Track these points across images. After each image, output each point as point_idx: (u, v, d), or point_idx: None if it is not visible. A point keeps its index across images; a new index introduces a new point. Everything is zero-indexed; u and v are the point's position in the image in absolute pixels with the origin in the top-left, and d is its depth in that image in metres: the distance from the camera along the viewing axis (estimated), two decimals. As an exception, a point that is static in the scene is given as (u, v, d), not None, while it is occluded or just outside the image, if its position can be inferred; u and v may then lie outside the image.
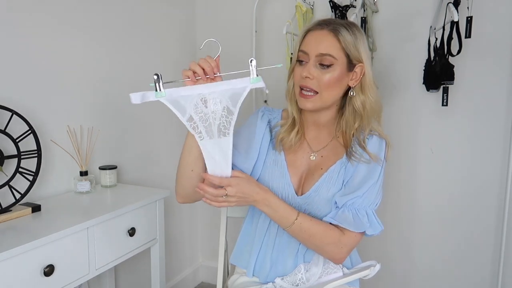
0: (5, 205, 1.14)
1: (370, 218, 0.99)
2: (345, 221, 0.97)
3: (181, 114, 0.91)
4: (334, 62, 0.98)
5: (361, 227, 0.97)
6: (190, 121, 0.92)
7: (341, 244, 0.98)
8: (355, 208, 0.99)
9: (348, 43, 0.98)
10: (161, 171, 1.88)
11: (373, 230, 0.98)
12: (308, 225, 0.97)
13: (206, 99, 0.91)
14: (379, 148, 1.04)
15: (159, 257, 1.44)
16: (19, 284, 0.96)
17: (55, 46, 1.37)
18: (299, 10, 1.71)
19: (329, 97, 1.01)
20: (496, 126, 1.57)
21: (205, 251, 2.29)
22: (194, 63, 0.92)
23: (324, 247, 0.99)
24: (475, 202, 1.64)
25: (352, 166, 1.02)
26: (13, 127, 1.17)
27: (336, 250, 0.98)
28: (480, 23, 1.50)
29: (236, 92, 0.91)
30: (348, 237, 0.98)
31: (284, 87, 1.10)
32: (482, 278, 1.67)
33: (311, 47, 0.99)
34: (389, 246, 1.81)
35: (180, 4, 1.99)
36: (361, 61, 1.00)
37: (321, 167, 1.05)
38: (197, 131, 0.92)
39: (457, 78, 1.49)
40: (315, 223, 0.98)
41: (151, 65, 1.79)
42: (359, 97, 1.03)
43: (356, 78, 1.02)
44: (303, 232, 0.97)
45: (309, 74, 0.99)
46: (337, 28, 0.98)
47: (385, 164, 1.05)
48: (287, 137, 1.07)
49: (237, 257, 1.18)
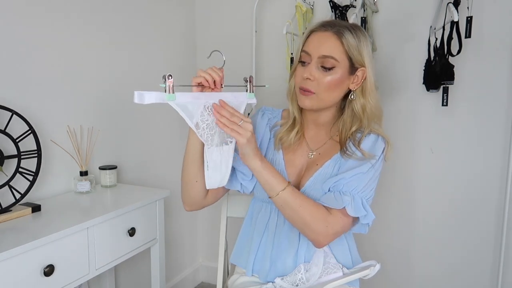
0: (5, 205, 1.14)
1: (356, 201, 0.96)
2: (327, 199, 0.97)
3: (189, 119, 0.91)
4: (336, 64, 0.98)
5: (341, 203, 0.95)
6: (197, 128, 0.92)
7: (327, 223, 0.96)
8: (340, 190, 0.98)
9: (351, 46, 0.98)
10: (161, 171, 1.88)
11: (356, 212, 0.95)
12: (295, 196, 0.96)
13: (211, 108, 0.93)
14: (374, 145, 1.03)
15: (159, 257, 1.44)
16: (19, 284, 0.96)
17: (55, 46, 1.37)
18: (299, 10, 1.71)
19: (328, 98, 1.02)
20: (496, 126, 1.57)
21: (205, 251, 2.30)
22: (203, 71, 0.93)
23: (311, 223, 0.96)
24: (475, 202, 1.64)
25: (346, 161, 1.02)
26: (13, 127, 1.17)
27: (322, 228, 0.96)
28: (480, 23, 1.50)
29: (236, 104, 0.96)
30: (334, 216, 0.96)
31: (280, 88, 1.11)
32: (482, 278, 1.67)
33: (314, 48, 0.99)
34: (389, 246, 1.81)
35: (180, 4, 1.99)
36: (364, 65, 1.00)
37: (317, 163, 1.06)
38: (204, 138, 0.93)
39: (457, 78, 1.49)
40: (304, 198, 0.97)
41: (151, 65, 1.79)
42: (359, 100, 1.03)
43: (357, 82, 1.02)
44: (290, 203, 0.96)
45: (310, 76, 0.99)
46: (341, 30, 0.98)
47: (382, 163, 1.04)
48: (287, 137, 1.08)
49: (237, 256, 1.18)
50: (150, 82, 1.70)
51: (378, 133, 1.05)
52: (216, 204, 1.17)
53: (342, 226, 0.98)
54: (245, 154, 0.95)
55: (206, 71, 0.93)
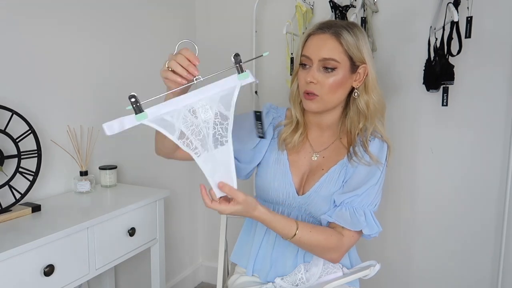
0: (5, 205, 1.14)
1: (368, 218, 0.99)
2: (342, 219, 0.98)
3: (169, 132, 0.79)
4: (337, 65, 0.98)
5: (358, 225, 0.97)
6: (182, 138, 0.80)
7: (341, 247, 0.99)
8: (353, 207, 0.99)
9: (350, 45, 0.98)
10: (161, 171, 1.88)
11: (370, 230, 0.98)
12: (308, 237, 0.96)
13: (194, 109, 0.80)
14: (381, 151, 1.04)
15: (159, 257, 1.44)
16: (19, 284, 0.95)
17: (55, 46, 1.37)
18: (299, 10, 1.71)
19: (333, 99, 1.02)
20: (496, 126, 1.57)
21: (205, 251, 2.29)
22: (172, 61, 0.80)
23: (324, 254, 1.00)
24: (475, 202, 1.64)
25: (352, 167, 1.03)
26: (13, 127, 1.17)
27: (335, 254, 0.99)
28: (480, 23, 1.50)
29: (226, 93, 0.82)
30: (346, 237, 0.98)
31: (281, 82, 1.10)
32: (482, 278, 1.67)
33: (314, 52, 0.99)
34: (389, 246, 1.81)
35: (180, 4, 1.99)
36: (364, 62, 1.00)
37: (322, 168, 1.06)
38: (191, 147, 0.81)
39: (457, 78, 1.49)
40: (315, 234, 0.96)
41: (151, 65, 1.79)
42: (363, 97, 1.03)
43: (359, 79, 1.02)
44: (303, 243, 0.97)
45: (313, 79, 0.99)
46: (339, 31, 0.98)
47: (386, 168, 1.05)
48: (290, 138, 1.08)
49: (237, 255, 1.19)
50: (150, 82, 1.70)
51: (380, 135, 1.05)
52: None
53: (353, 241, 1.01)
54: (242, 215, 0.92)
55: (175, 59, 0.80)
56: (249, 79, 0.82)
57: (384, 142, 1.05)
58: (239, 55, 0.81)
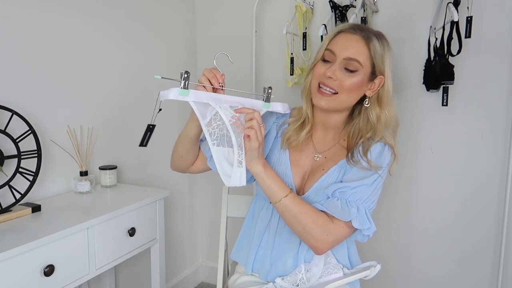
0: (5, 205, 1.14)
1: (361, 212, 0.96)
2: (333, 207, 0.96)
3: (202, 117, 0.91)
4: (359, 68, 0.98)
5: (348, 216, 0.94)
6: (209, 127, 0.93)
7: (327, 231, 0.96)
8: (346, 199, 0.97)
9: (377, 53, 0.98)
10: (161, 171, 1.88)
11: (361, 225, 0.95)
12: (296, 203, 0.96)
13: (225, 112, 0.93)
14: (381, 155, 1.02)
15: (159, 257, 1.44)
16: (19, 284, 0.95)
17: (55, 46, 1.36)
18: (299, 10, 1.71)
19: (346, 100, 1.01)
20: (496, 126, 1.57)
21: (205, 251, 2.29)
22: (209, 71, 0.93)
23: (311, 230, 0.95)
24: (475, 202, 1.64)
25: (351, 168, 1.02)
26: (13, 127, 1.17)
27: (322, 235, 0.95)
28: (480, 23, 1.50)
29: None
30: (335, 225, 0.96)
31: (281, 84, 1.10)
32: (483, 279, 1.67)
33: (340, 49, 0.99)
34: (389, 246, 1.81)
35: (180, 4, 1.99)
36: (383, 74, 1.00)
37: (323, 168, 1.06)
38: (213, 137, 0.93)
39: (457, 78, 1.49)
40: (304, 204, 0.97)
41: (151, 65, 1.79)
42: (374, 110, 1.03)
43: (373, 89, 1.02)
44: (290, 210, 0.96)
45: (333, 75, 0.98)
46: (370, 36, 0.98)
47: (387, 175, 1.03)
48: (296, 136, 1.08)
49: (237, 253, 1.19)
50: (150, 82, 1.71)
51: (386, 142, 1.04)
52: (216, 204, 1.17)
53: (342, 236, 0.98)
54: (251, 158, 0.95)
55: (211, 71, 0.93)
56: (269, 109, 1.02)
57: (386, 145, 1.04)
58: (271, 88, 1.00)
